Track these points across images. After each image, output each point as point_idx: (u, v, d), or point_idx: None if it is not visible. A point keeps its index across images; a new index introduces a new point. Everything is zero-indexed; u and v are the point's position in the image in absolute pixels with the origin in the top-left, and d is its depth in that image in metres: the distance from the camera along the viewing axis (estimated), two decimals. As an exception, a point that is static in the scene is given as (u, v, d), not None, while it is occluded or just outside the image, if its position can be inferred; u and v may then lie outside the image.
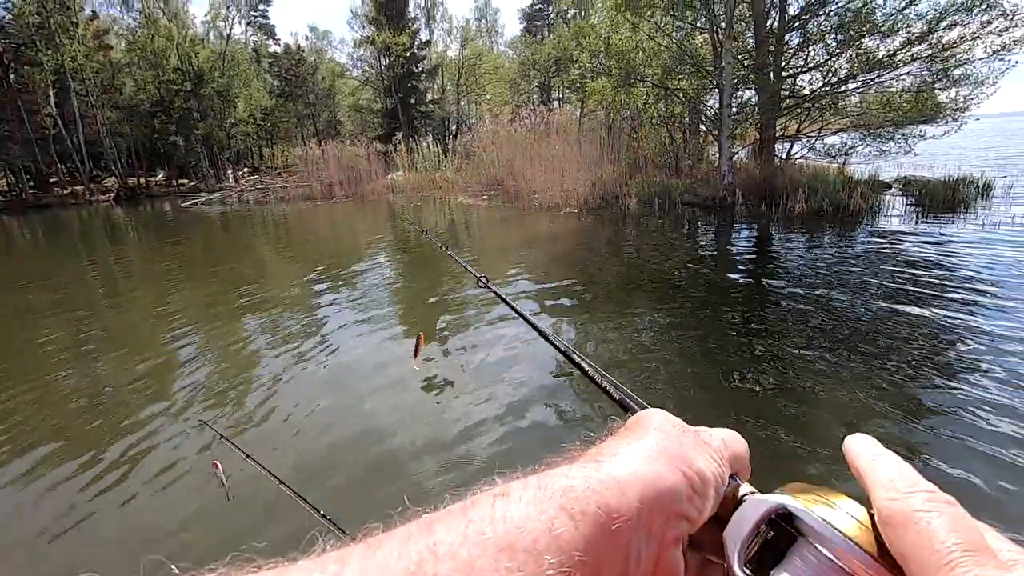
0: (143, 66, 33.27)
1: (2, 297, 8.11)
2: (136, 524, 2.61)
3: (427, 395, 3.62)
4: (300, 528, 2.43)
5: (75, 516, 2.68)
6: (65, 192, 31.95)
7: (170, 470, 2.98)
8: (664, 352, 4.01)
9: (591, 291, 5.76)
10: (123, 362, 4.87)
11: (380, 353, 4.43)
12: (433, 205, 16.25)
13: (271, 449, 3.08)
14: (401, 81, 28.96)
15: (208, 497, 2.69)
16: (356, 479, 2.80)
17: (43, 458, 3.24)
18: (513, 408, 3.28)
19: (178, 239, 13.96)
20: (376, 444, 3.08)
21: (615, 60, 13.10)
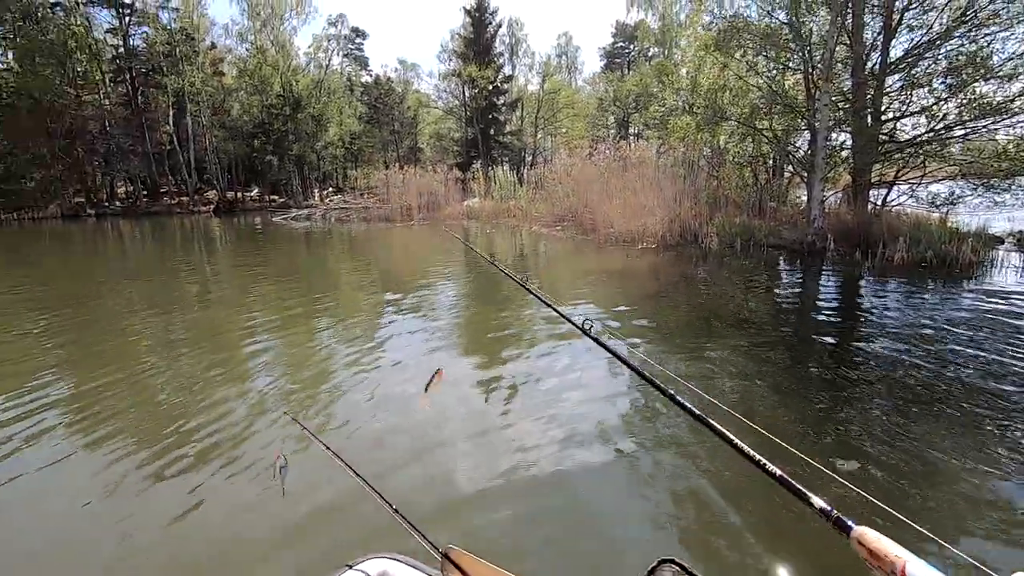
0: (249, 91, 36.29)
1: (112, 286, 8.95)
2: (204, 508, 2.77)
3: (487, 406, 3.70)
4: (367, 519, 2.52)
5: (146, 492, 2.89)
6: (172, 202, 35.01)
7: (243, 457, 3.18)
8: (737, 400, 3.83)
9: (665, 329, 5.62)
10: (204, 351, 5.39)
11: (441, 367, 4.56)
12: (506, 232, 16.53)
13: (343, 443, 3.25)
14: (483, 112, 30.01)
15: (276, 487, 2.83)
16: (420, 478, 2.91)
17: (122, 434, 3.53)
18: (590, 449, 3.21)
19: (265, 250, 14.96)
20: (434, 450, 3.20)
21: (701, 98, 13.00)
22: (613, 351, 1.72)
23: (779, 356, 4.71)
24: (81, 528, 2.68)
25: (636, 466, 2.99)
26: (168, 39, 32.86)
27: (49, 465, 3.22)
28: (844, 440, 3.20)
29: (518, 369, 4.40)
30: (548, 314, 5.96)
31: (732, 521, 2.49)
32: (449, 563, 1.36)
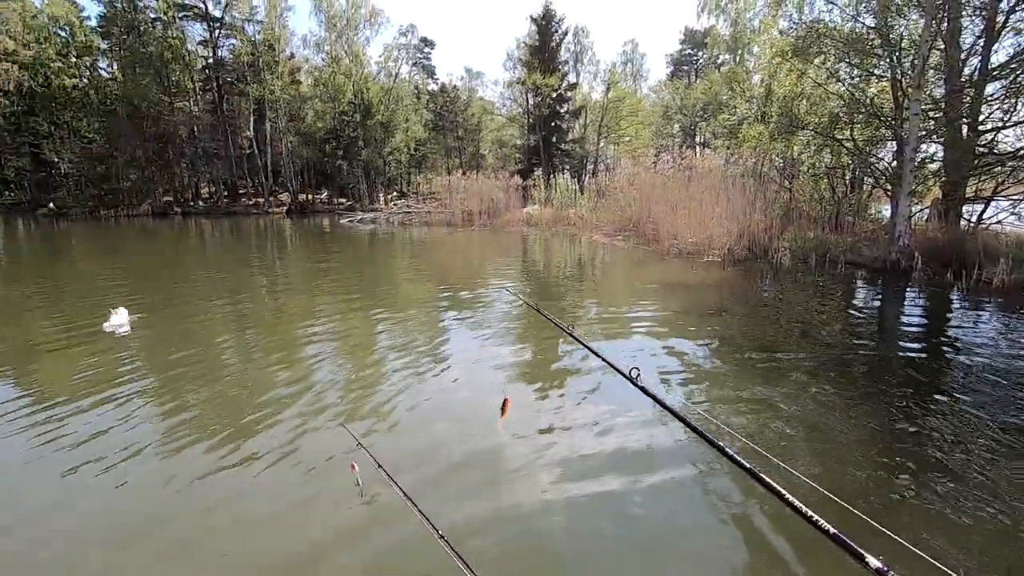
0: (323, 99, 37.98)
1: (192, 278, 9.53)
2: (259, 506, 2.84)
3: (529, 442, 3.47)
4: (407, 537, 2.50)
5: (208, 481, 3.03)
6: (250, 202, 37.10)
7: (294, 459, 3.28)
8: (803, 430, 3.54)
9: (727, 347, 5.33)
10: (269, 345, 5.69)
11: (500, 373, 4.59)
12: (565, 240, 16.43)
13: (392, 455, 3.23)
14: (546, 120, 30.07)
15: (335, 492, 2.89)
16: (466, 495, 2.89)
17: (190, 424, 3.70)
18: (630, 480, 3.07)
19: (331, 251, 15.57)
20: (489, 466, 3.17)
21: (776, 107, 12.46)
22: (661, 401, 1.67)
23: (849, 395, 4.16)
24: (123, 507, 2.84)
25: (678, 518, 2.77)
26: (252, 50, 34.97)
27: (117, 448, 3.43)
28: (912, 501, 2.86)
29: (564, 403, 4.08)
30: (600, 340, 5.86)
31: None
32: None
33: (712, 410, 3.89)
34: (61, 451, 3.43)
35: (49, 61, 36.81)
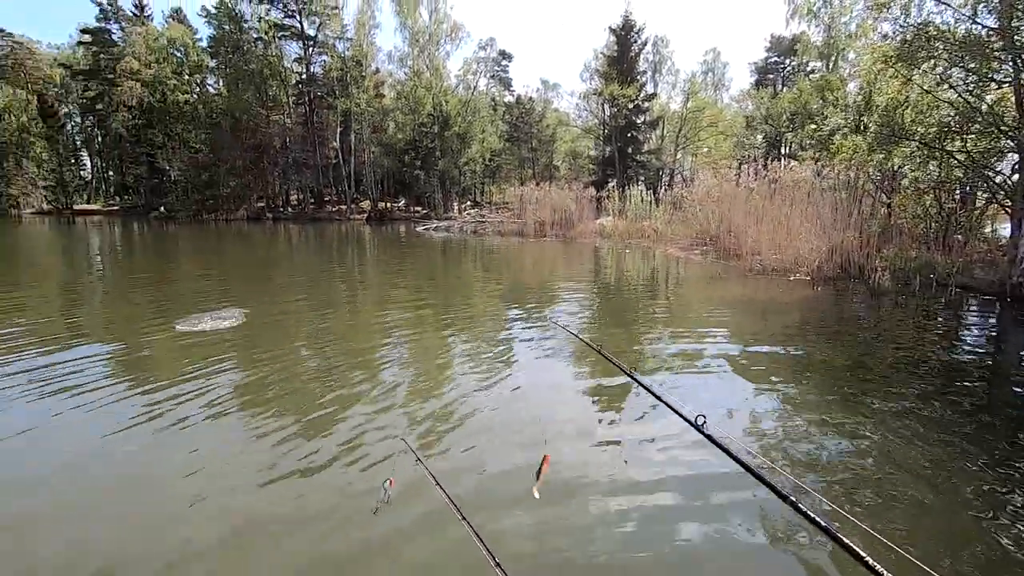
0: (404, 111, 39.54)
1: (277, 279, 10.10)
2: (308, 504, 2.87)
3: (588, 482, 3.21)
4: (464, 559, 2.44)
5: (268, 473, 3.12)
6: (333, 209, 39.11)
7: (353, 466, 3.29)
8: (895, 487, 3.04)
9: (812, 381, 4.81)
10: (343, 347, 5.87)
11: (563, 395, 4.49)
12: (638, 253, 16.05)
13: (450, 471, 3.20)
14: (622, 131, 29.71)
15: (397, 508, 2.81)
16: (523, 517, 2.77)
17: (261, 416, 3.84)
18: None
19: (406, 256, 16.06)
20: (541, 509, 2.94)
21: (876, 116, 11.59)
22: (727, 450, 1.54)
23: (956, 450, 3.55)
24: (176, 500, 2.97)
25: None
26: (342, 66, 37.03)
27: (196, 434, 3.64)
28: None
29: (621, 442, 3.67)
30: (672, 365, 5.59)
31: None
32: None
33: (788, 456, 3.43)
34: (141, 425, 3.75)
35: (166, 79, 40.74)
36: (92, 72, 42.99)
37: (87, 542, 2.67)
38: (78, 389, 4.49)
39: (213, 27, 39.78)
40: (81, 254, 16.83)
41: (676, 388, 4.61)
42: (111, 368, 5.14)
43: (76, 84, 45.37)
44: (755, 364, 5.29)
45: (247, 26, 38.00)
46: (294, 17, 37.67)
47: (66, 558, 2.55)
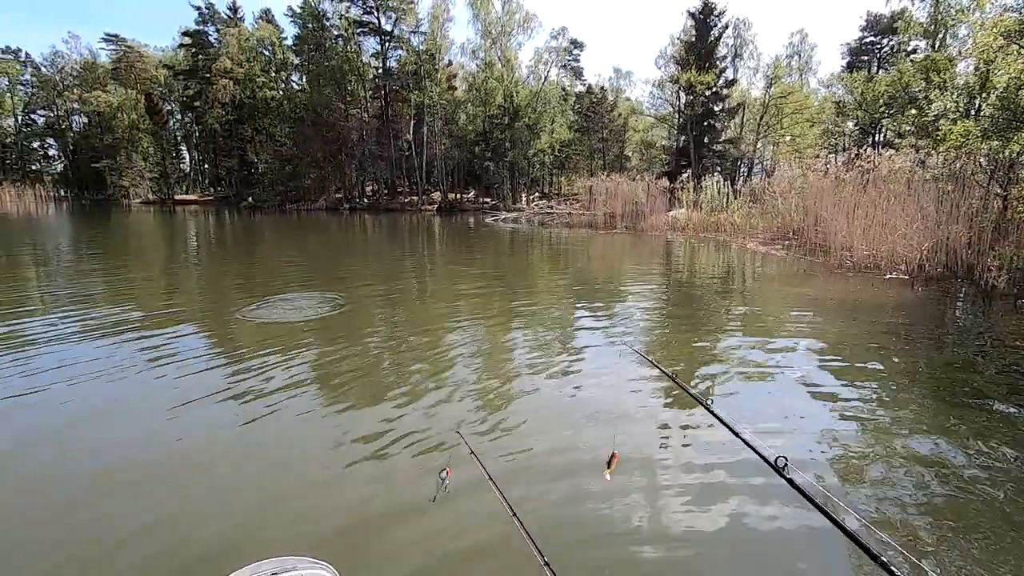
0: (475, 103, 39.91)
1: (353, 267, 10.49)
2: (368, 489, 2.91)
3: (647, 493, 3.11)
4: (513, 556, 2.39)
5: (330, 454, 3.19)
6: (405, 200, 40.22)
7: (411, 454, 3.32)
8: (994, 534, 2.63)
9: (907, 395, 4.35)
10: (412, 336, 6.01)
11: (622, 404, 4.23)
12: (713, 247, 15.40)
13: (504, 462, 3.17)
14: (698, 119, 28.53)
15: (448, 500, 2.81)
16: (575, 527, 2.67)
17: (330, 398, 3.96)
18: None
19: (474, 247, 16.25)
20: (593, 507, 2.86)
21: (994, 98, 10.44)
22: (811, 499, 1.35)
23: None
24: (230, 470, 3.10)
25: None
26: (416, 59, 37.86)
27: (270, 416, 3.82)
28: None
29: (684, 466, 3.30)
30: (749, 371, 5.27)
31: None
32: None
33: (879, 502, 2.95)
34: (219, 393, 3.99)
35: (255, 76, 43.36)
36: (191, 72, 46.38)
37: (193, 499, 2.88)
38: (166, 364, 4.85)
39: (298, 26, 41.77)
40: (179, 241, 18.28)
41: (749, 409, 4.14)
42: (199, 346, 5.53)
43: (178, 83, 49.09)
44: (843, 379, 4.76)
45: (328, 24, 39.57)
46: (372, 13, 38.82)
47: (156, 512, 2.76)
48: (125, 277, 10.33)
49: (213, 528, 2.70)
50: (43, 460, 3.32)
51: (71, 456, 3.37)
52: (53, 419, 3.88)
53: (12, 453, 3.38)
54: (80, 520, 2.73)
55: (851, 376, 4.82)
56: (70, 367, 4.82)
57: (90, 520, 2.75)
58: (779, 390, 4.54)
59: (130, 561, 2.45)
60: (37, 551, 2.50)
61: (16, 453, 3.39)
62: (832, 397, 4.36)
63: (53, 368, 4.78)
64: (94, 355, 5.16)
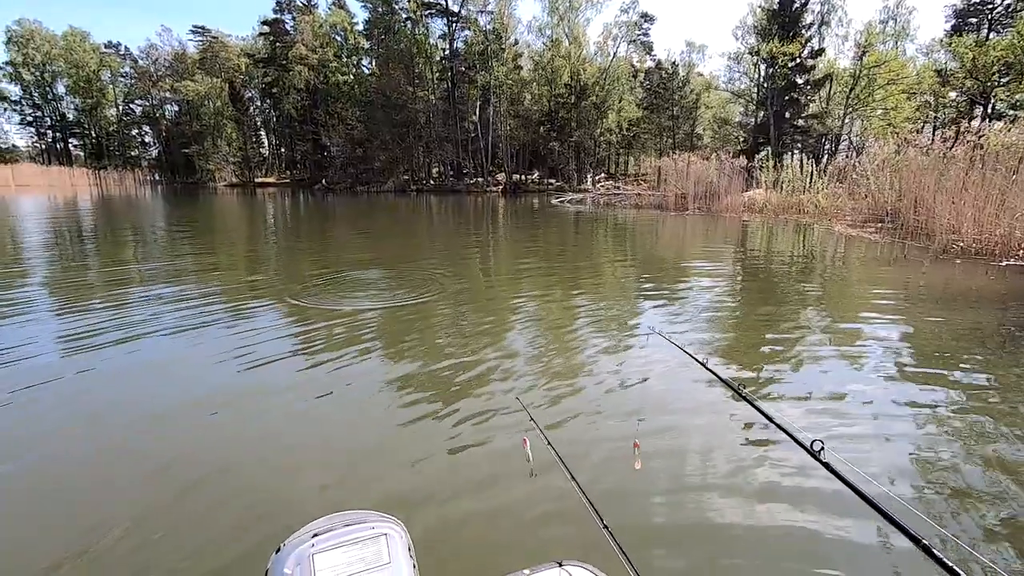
0: (541, 82, 39.41)
1: (421, 245, 10.63)
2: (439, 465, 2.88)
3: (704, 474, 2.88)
4: (573, 524, 2.36)
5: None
6: (471, 182, 40.52)
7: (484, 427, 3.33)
8: None
9: (991, 394, 3.80)
10: (477, 311, 6.07)
11: (681, 378, 4.06)
12: (793, 230, 14.48)
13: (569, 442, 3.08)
14: (780, 93, 26.81)
15: (510, 465, 2.85)
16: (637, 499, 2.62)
17: (394, 371, 3.90)
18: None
19: (538, 228, 16.09)
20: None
21: None
22: (847, 481, 1.25)
23: None
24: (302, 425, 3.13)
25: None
26: (483, 39, 37.73)
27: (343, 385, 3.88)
28: None
29: (715, 456, 3.05)
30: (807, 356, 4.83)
31: None
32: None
33: (930, 501, 2.66)
34: (288, 359, 4.06)
35: (328, 62, 44.74)
36: (269, 59, 48.48)
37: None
38: (242, 330, 5.07)
39: (368, 10, 42.63)
40: (260, 221, 19.28)
41: (807, 404, 3.73)
42: (273, 315, 5.74)
43: (257, 71, 51.49)
44: (936, 380, 4.23)
45: (397, 7, 40.10)
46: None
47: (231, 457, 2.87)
48: (211, 252, 11.00)
49: (280, 485, 2.78)
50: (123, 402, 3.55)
51: (151, 402, 3.61)
52: (139, 372, 4.17)
53: (103, 390, 3.63)
54: (150, 467, 2.89)
55: (944, 378, 4.21)
56: (159, 329, 5.19)
57: (157, 468, 2.90)
58: (856, 384, 4.06)
59: (195, 508, 2.57)
60: (112, 490, 2.65)
61: (111, 393, 3.63)
62: (915, 401, 3.79)
63: (147, 330, 5.13)
64: (180, 320, 5.53)
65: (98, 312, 5.98)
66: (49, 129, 55.67)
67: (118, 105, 55.37)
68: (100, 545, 2.26)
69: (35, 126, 55.14)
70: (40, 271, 8.66)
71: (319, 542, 0.97)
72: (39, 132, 55.49)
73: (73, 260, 10.01)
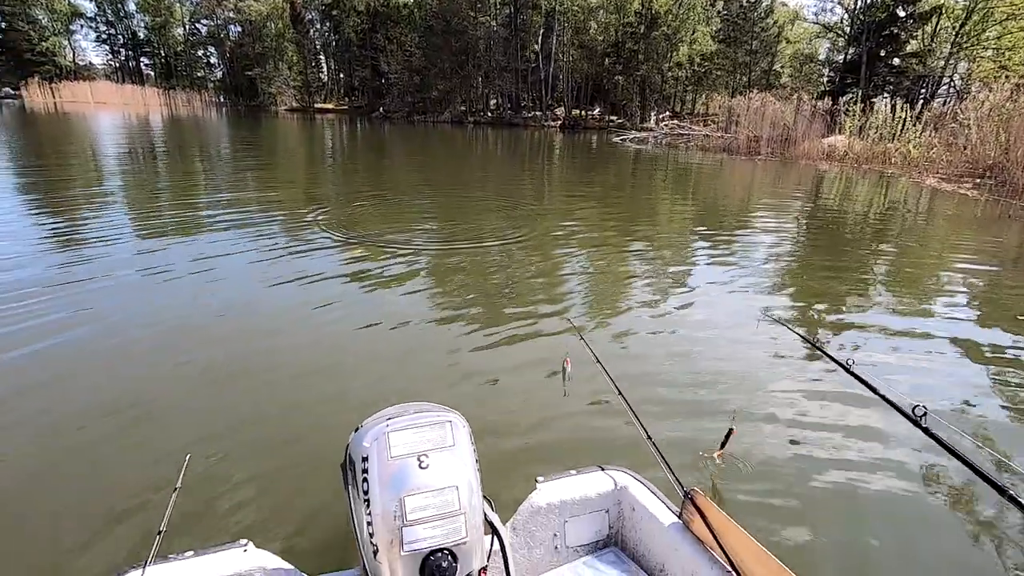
0: (609, 10, 36.94)
1: (475, 178, 10.46)
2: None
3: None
4: (619, 435, 2.49)
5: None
6: (528, 115, 39.33)
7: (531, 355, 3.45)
8: None
9: None
10: (526, 249, 6.02)
11: (732, 321, 4.04)
12: (878, 182, 13.38)
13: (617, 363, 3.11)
14: (878, 27, 24.14)
15: (547, 386, 3.01)
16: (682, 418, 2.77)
17: (450, 303, 3.94)
18: None
19: (597, 167, 15.54)
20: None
21: None
22: (952, 448, 1.14)
23: None
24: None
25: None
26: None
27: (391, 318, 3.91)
28: None
29: (808, 420, 2.85)
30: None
31: None
32: (691, 505, 1.33)
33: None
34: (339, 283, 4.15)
35: (389, -18, 43.24)
36: (330, -22, 47.32)
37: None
38: (300, 256, 5.17)
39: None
40: (319, 148, 19.46)
41: (898, 373, 3.43)
42: (325, 243, 5.81)
43: (318, -10, 50.46)
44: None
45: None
46: (507, -92, 36.43)
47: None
48: (272, 175, 11.30)
49: (345, 388, 2.99)
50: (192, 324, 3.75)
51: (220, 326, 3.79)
52: (207, 297, 4.33)
53: (176, 315, 3.82)
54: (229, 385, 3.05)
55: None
56: (223, 253, 5.38)
57: (233, 374, 3.09)
58: (944, 356, 3.72)
59: (287, 398, 2.81)
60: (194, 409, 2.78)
61: (181, 317, 3.81)
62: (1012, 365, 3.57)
63: (217, 253, 5.34)
64: (241, 244, 5.70)
65: (174, 240, 6.23)
66: (122, 47, 57.01)
67: (184, 24, 55.88)
68: (222, 430, 2.55)
69: (109, 44, 56.56)
70: (125, 191, 9.09)
71: (392, 423, 1.10)
72: (113, 50, 56.93)
73: (147, 181, 10.45)
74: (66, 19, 51.73)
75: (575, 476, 1.55)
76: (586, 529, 1.53)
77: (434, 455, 1.08)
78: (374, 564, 1.05)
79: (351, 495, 1.12)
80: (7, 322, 3.55)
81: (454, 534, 1.06)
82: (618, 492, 1.53)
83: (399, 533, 1.03)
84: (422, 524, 1.04)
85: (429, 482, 1.05)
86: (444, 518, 1.05)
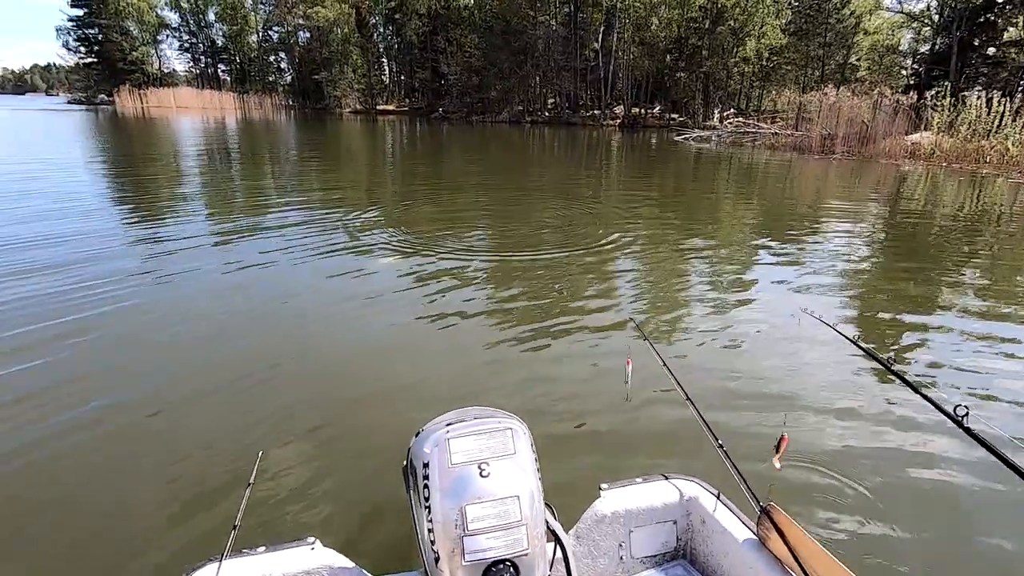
0: (672, 5, 35.95)
1: (532, 180, 10.34)
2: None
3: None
4: (690, 445, 2.35)
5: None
6: (587, 114, 38.91)
7: (593, 351, 3.48)
8: None
9: None
10: (580, 248, 5.96)
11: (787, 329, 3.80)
12: (970, 183, 12.29)
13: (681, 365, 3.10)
14: (972, 14, 22.27)
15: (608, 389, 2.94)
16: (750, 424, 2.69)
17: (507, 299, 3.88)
18: None
19: (657, 168, 15.10)
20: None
21: None
22: (989, 445, 1.07)
23: None
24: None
25: None
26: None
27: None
28: None
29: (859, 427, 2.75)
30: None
31: None
32: (768, 520, 1.25)
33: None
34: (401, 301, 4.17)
35: (450, -15, 43.83)
36: (394, -17, 48.48)
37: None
38: (359, 253, 5.22)
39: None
40: (379, 149, 19.94)
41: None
42: (381, 241, 5.84)
43: (382, -5, 51.81)
44: None
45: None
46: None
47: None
48: (335, 175, 11.71)
49: (405, 390, 3.02)
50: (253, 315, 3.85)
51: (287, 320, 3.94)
52: (273, 291, 4.51)
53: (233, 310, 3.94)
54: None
55: None
56: (288, 248, 5.58)
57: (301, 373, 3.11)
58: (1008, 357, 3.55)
59: (349, 397, 2.92)
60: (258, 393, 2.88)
61: (238, 315, 3.94)
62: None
63: (279, 247, 5.54)
64: (308, 239, 5.90)
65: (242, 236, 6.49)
66: (202, 55, 60.67)
67: (258, 31, 58.80)
68: (291, 428, 2.62)
69: (191, 52, 60.32)
70: (204, 189, 9.61)
71: (452, 429, 1.08)
72: (194, 58, 60.67)
73: (223, 182, 10.99)
74: (154, 30, 55.55)
75: (640, 484, 1.51)
76: (653, 540, 1.49)
77: (495, 463, 1.06)
78: (436, 571, 1.04)
79: (412, 500, 1.12)
80: (89, 306, 3.88)
81: (516, 545, 1.04)
82: (687, 503, 1.48)
83: (460, 543, 1.01)
84: (483, 534, 1.02)
85: (490, 491, 1.03)
86: (505, 528, 1.03)
